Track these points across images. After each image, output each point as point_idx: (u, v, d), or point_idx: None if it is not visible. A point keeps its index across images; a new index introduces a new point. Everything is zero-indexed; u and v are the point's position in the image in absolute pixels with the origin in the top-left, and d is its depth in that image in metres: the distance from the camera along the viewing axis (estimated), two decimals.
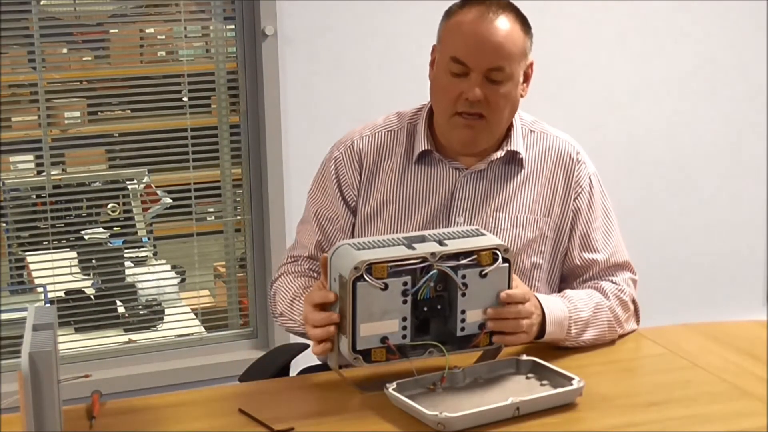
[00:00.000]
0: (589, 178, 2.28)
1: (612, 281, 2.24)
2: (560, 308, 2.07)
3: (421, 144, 2.22)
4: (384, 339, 1.84)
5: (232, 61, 3.57)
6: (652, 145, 4.00)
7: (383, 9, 3.59)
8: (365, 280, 1.80)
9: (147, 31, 3.65)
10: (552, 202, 2.24)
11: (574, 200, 2.25)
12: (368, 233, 2.23)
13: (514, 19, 2.15)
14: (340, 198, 2.25)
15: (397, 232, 2.18)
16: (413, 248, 1.85)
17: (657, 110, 3.99)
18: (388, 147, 2.26)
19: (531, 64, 2.21)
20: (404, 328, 1.85)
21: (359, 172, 2.25)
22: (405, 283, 1.83)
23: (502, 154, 2.22)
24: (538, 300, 2.03)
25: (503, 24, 2.12)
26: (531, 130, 2.28)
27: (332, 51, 3.55)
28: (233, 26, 3.55)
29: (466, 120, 2.14)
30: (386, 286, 1.81)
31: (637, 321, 2.25)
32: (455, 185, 2.22)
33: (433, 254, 1.84)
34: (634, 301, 2.24)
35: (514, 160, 2.24)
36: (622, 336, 2.19)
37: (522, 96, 2.21)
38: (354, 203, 2.26)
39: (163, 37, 3.68)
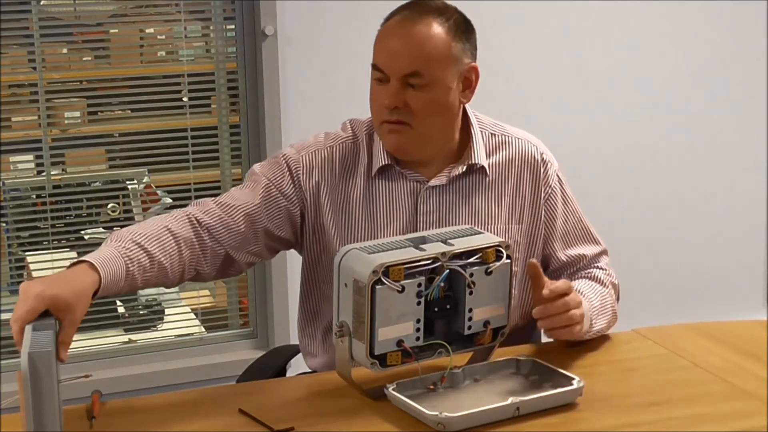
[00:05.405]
0: (557, 175, 2.25)
1: (599, 267, 2.24)
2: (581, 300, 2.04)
3: (380, 159, 2.17)
4: (399, 342, 1.83)
5: (232, 61, 3.57)
6: (653, 146, 4.00)
7: (384, 9, 3.59)
8: (383, 283, 1.79)
9: (147, 31, 3.65)
10: (522, 208, 2.21)
11: (545, 201, 2.22)
12: (332, 254, 2.07)
13: (441, 23, 2.10)
14: (295, 191, 2.17)
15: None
16: (421, 249, 1.84)
17: (658, 111, 3.99)
18: (351, 161, 2.20)
19: (472, 69, 2.15)
20: (417, 329, 1.84)
21: (316, 182, 2.18)
22: (419, 285, 1.82)
23: (464, 169, 2.18)
24: None
25: (423, 28, 2.08)
26: (492, 134, 2.23)
27: (332, 51, 3.56)
28: (233, 26, 3.55)
29: (390, 126, 2.11)
30: (403, 289, 1.81)
31: (617, 300, 2.26)
32: (417, 200, 2.17)
33: (443, 254, 1.84)
34: (616, 284, 2.26)
35: (476, 168, 2.19)
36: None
37: (463, 102, 2.17)
38: (302, 208, 2.18)
39: (163, 37, 3.68)
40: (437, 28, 2.09)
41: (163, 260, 1.99)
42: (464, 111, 2.22)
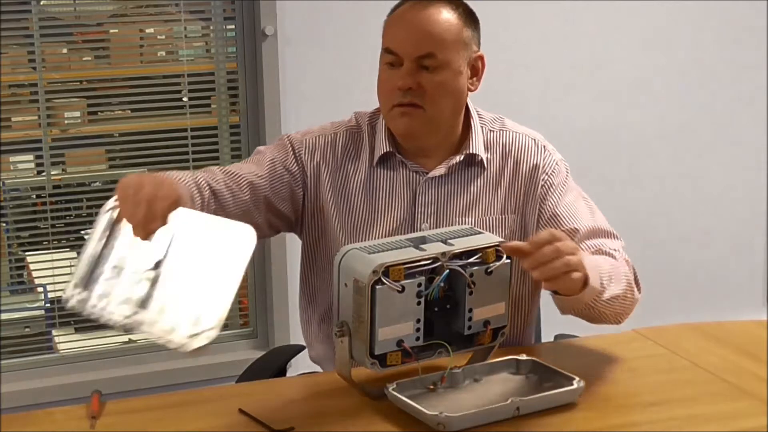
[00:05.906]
0: (556, 163, 2.23)
1: (609, 248, 2.14)
2: (585, 254, 1.95)
3: (382, 146, 2.20)
4: (399, 342, 1.83)
5: (232, 61, 3.57)
6: (653, 145, 4.00)
7: (384, 9, 3.59)
8: (384, 283, 1.79)
9: (147, 31, 3.65)
10: (518, 198, 2.20)
11: (540, 187, 2.20)
12: (330, 239, 2.18)
13: (452, 9, 2.14)
14: (298, 169, 2.20)
15: (365, 239, 2.14)
16: (421, 249, 1.84)
17: (657, 110, 3.99)
18: (354, 148, 2.23)
19: (479, 57, 2.18)
20: (417, 329, 1.84)
21: (318, 163, 2.21)
22: (419, 285, 1.82)
23: (462, 158, 2.19)
24: None
25: (435, 12, 2.12)
26: (491, 130, 2.24)
27: (332, 51, 3.56)
28: (233, 26, 3.55)
29: (402, 109, 2.13)
30: (403, 289, 1.81)
31: (639, 289, 2.15)
32: (416, 191, 2.18)
33: (443, 254, 1.84)
34: (633, 267, 2.16)
35: (474, 161, 2.21)
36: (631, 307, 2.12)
37: (471, 90, 2.19)
38: (303, 188, 2.21)
39: (163, 37, 3.68)
40: (449, 13, 2.14)
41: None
42: (466, 105, 2.23)
